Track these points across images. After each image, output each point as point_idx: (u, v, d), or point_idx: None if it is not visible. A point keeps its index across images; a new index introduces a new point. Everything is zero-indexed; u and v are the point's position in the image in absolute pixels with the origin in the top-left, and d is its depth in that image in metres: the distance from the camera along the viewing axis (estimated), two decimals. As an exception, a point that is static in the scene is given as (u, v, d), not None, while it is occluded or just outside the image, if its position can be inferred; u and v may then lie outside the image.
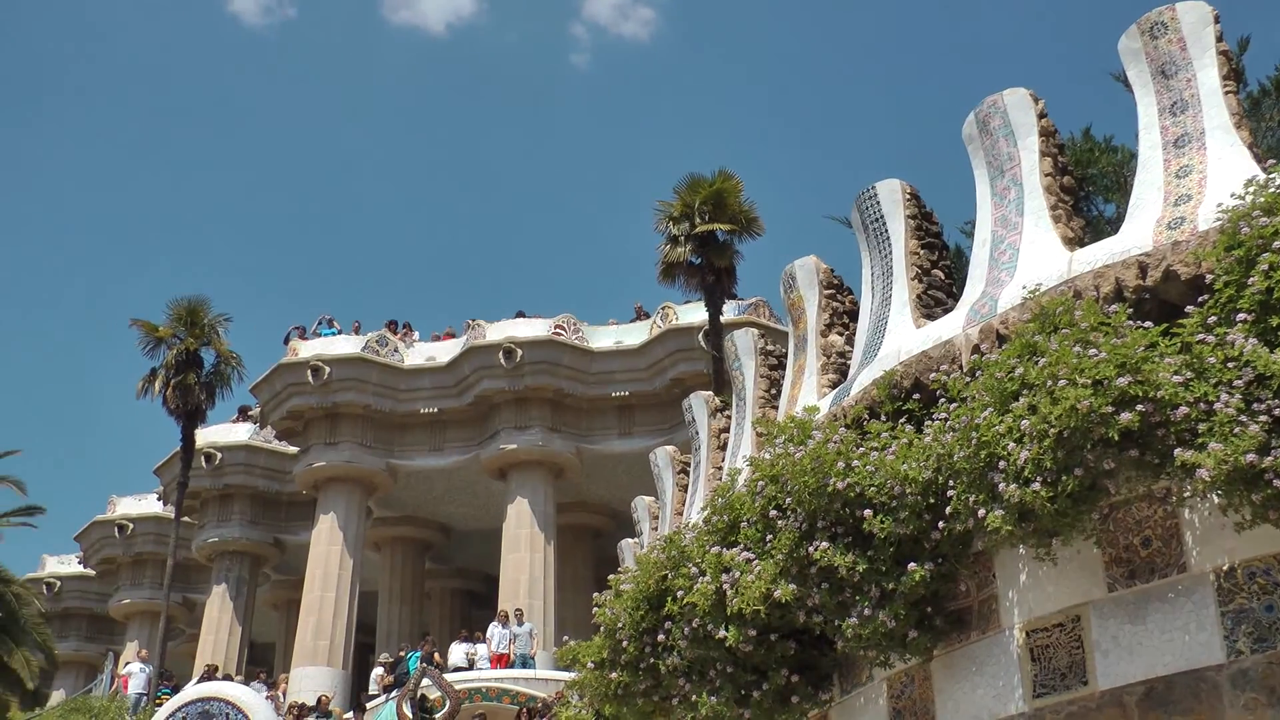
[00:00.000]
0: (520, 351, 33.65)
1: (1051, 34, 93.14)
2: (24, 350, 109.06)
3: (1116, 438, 5.88)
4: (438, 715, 22.39)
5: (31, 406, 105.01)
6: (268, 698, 22.39)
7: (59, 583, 48.32)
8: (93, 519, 45.86)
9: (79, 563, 48.11)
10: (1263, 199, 6.06)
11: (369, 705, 24.59)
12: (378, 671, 28.08)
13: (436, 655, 28.17)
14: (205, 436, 38.18)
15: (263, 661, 40.25)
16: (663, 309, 34.42)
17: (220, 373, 35.50)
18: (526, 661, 27.11)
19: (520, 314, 35.64)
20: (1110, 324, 6.24)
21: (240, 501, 39.99)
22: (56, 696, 40.40)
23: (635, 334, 35.01)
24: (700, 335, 31.62)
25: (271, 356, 36.49)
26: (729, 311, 30.91)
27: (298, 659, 33.68)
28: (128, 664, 35.77)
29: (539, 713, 21.04)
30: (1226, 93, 7.27)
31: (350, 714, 23.03)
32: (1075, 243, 7.64)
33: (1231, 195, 6.35)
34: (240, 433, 40.54)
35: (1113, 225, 7.72)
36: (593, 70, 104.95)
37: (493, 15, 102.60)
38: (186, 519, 37.61)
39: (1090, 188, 15.58)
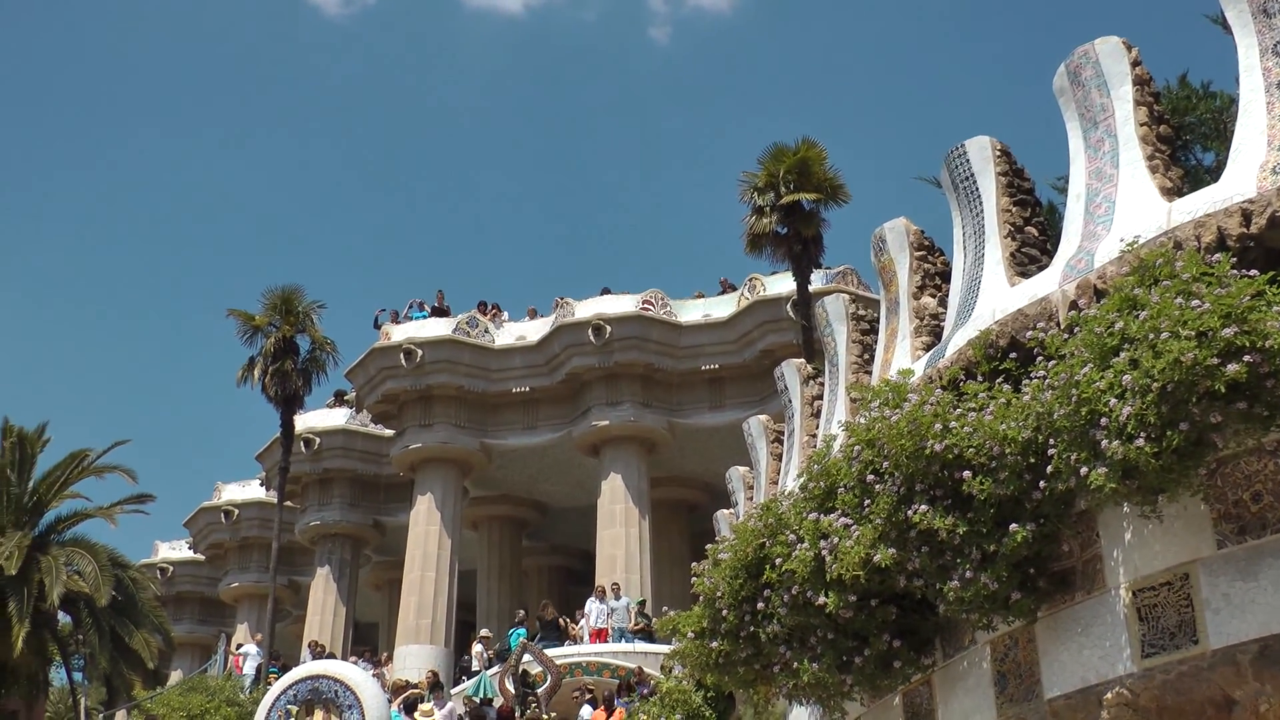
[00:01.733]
0: (609, 328, 33.77)
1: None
2: (129, 344, 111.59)
3: (1223, 390, 5.76)
4: (540, 690, 22.62)
5: (139, 398, 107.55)
6: (373, 675, 22.68)
7: (171, 568, 49.41)
8: (200, 505, 46.83)
9: (189, 548, 49.14)
10: (1370, 139, 5.91)
11: (454, 691, 24.74)
12: (478, 648, 28.41)
13: (562, 620, 28.36)
14: (304, 422, 38.81)
15: (367, 640, 40.87)
16: (750, 280, 34.37)
17: (316, 359, 36.04)
18: (624, 635, 27.27)
19: (606, 290, 35.82)
20: (1213, 274, 6.11)
21: (339, 485, 40.61)
22: (174, 676, 41.34)
23: (723, 306, 35.00)
24: (788, 305, 31.46)
25: (364, 341, 37.02)
26: (817, 280, 30.78)
27: (401, 637, 34.20)
28: (240, 645, 36.57)
29: (633, 685, 21.13)
30: (1334, 30, 7.10)
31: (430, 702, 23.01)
32: (1174, 193, 7.49)
33: (1339, 137, 6.19)
34: (337, 417, 41.13)
35: (1212, 174, 7.55)
36: (672, 44, 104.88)
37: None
38: (289, 503, 38.27)
39: (1188, 136, 15.26)
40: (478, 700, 23.22)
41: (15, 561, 29.83)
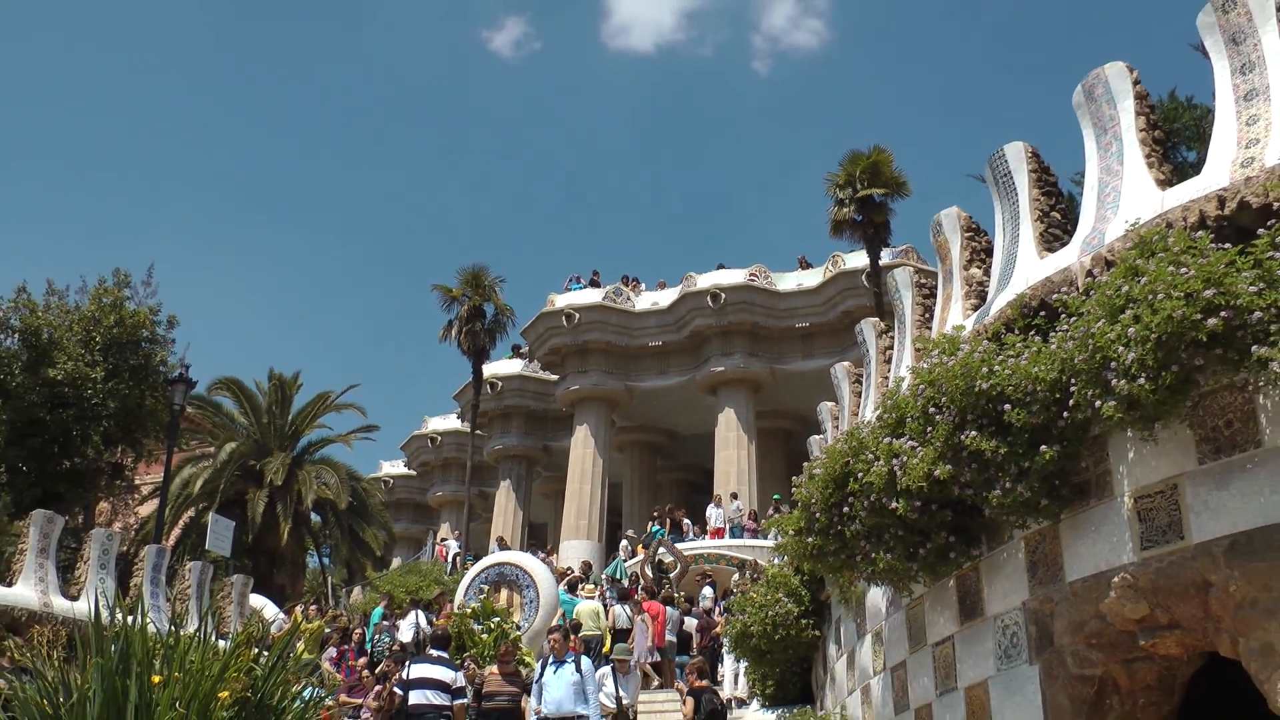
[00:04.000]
0: (724, 295, 33.87)
1: (1140, 16, 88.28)
2: (361, 311, 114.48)
3: (1205, 339, 5.73)
4: (671, 575, 22.93)
5: (367, 351, 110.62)
6: (544, 562, 23.22)
7: (391, 481, 50.58)
8: (412, 433, 47.88)
9: (404, 465, 50.27)
10: (1319, 138, 5.82)
11: (604, 576, 24.95)
12: (624, 543, 28.84)
13: (684, 520, 28.65)
14: (489, 370, 39.51)
15: (538, 536, 41.66)
16: (833, 257, 34.15)
17: (499, 321, 36.66)
18: (736, 533, 27.46)
19: (721, 265, 35.89)
20: (1197, 247, 6.05)
21: (517, 418, 41.27)
22: (395, 562, 42.55)
23: (812, 277, 34.88)
24: (863, 276, 31.33)
25: (535, 307, 37.64)
26: (885, 257, 30.59)
27: (564, 534, 34.84)
28: (444, 539, 37.53)
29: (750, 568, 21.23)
30: (1287, 51, 6.94)
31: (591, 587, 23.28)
32: (1166, 184, 7.37)
33: (1294, 136, 6.09)
34: (514, 366, 41.78)
35: (1195, 168, 7.38)
36: (771, 73, 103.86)
37: (690, 32, 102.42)
38: (479, 432, 39.04)
39: (1176, 139, 14.88)
40: (613, 579, 23.70)
41: (280, 475, 31.04)
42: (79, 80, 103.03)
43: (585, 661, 11.76)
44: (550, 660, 11.71)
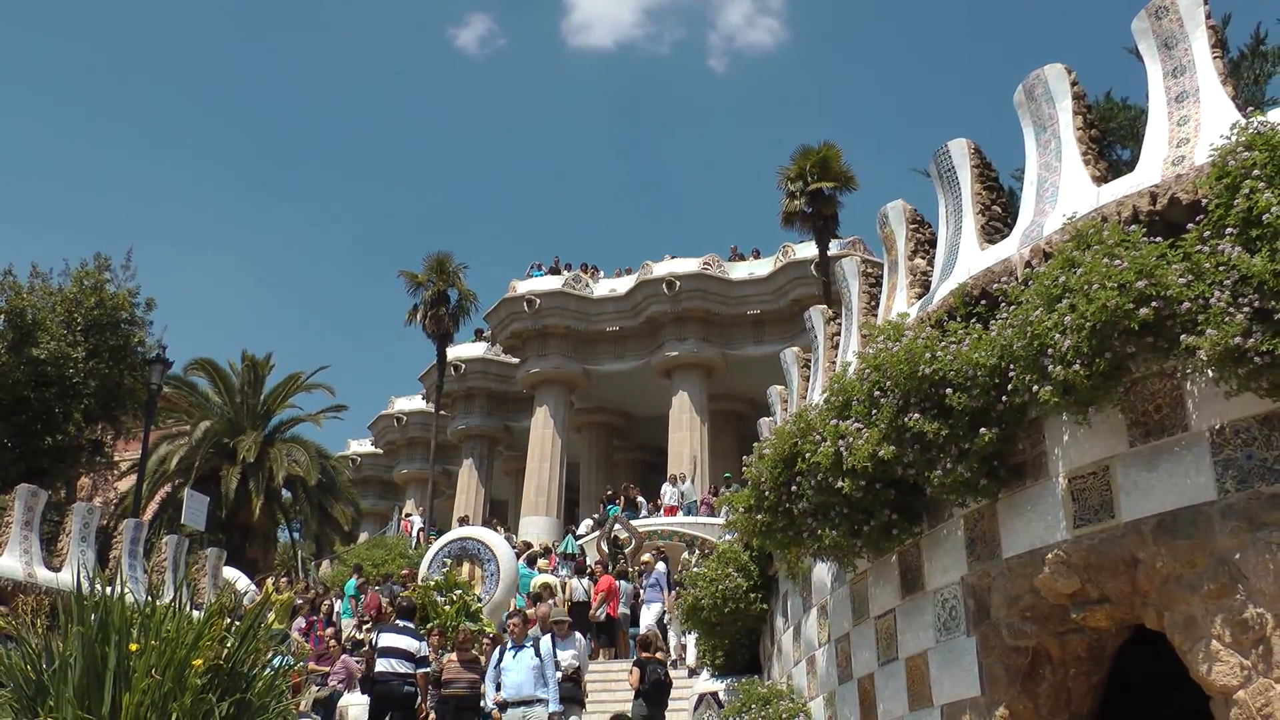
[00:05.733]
0: (679, 282, 33.85)
1: (1078, 20, 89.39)
2: (330, 295, 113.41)
3: (1136, 328, 5.75)
4: (626, 550, 22.92)
5: (336, 334, 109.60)
6: (504, 538, 23.09)
7: (359, 459, 50.17)
8: (379, 413, 47.47)
9: (371, 444, 49.91)
10: (1243, 138, 5.79)
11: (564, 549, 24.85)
12: (586, 523, 28.81)
13: (638, 497, 28.65)
14: (453, 352, 39.27)
15: (499, 513, 41.49)
16: (783, 248, 34.23)
17: (462, 306, 36.46)
18: (690, 510, 27.49)
19: (673, 255, 35.82)
20: (1130, 241, 6.06)
21: (479, 399, 41.06)
22: (363, 536, 42.30)
23: (763, 266, 34.96)
24: (812, 266, 31.43)
25: (497, 292, 37.39)
26: (833, 247, 30.65)
27: (524, 511, 34.76)
28: (409, 515, 37.34)
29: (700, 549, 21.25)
30: (1215, 58, 6.94)
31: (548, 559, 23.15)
32: (1101, 180, 7.39)
33: (1220, 137, 6.08)
34: (477, 349, 41.55)
35: (1129, 165, 7.37)
36: (727, 71, 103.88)
37: (648, 29, 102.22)
38: (443, 412, 38.80)
39: (1111, 138, 14.99)
40: (565, 555, 23.67)
41: (253, 452, 30.75)
42: (65, 72, 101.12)
43: (544, 645, 11.54)
44: (509, 645, 11.53)
